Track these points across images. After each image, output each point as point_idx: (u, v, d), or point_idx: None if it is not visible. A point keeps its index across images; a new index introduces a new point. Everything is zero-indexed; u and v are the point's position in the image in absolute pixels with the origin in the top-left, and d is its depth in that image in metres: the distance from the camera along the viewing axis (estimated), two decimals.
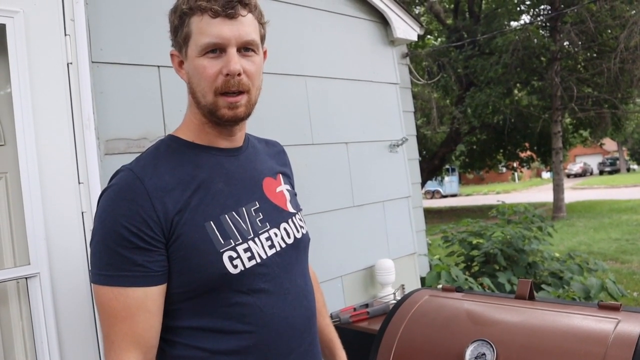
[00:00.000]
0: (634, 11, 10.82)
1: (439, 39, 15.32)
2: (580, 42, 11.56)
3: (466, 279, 3.73)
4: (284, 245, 1.05)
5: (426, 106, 12.92)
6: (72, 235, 1.50)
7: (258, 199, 1.05)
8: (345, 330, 2.03)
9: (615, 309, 1.38)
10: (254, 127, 1.28)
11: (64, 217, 1.51)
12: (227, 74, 0.94)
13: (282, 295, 1.01)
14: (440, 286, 1.76)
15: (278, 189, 1.12)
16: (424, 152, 14.74)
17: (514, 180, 37.64)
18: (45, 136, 1.49)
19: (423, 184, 15.45)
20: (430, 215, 15.43)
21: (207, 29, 0.93)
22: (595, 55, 12.30)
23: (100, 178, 1.57)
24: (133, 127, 1.82)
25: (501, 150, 17.07)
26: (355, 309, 2.10)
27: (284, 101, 2.38)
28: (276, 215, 1.06)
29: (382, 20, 2.95)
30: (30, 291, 1.45)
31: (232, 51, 0.94)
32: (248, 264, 0.96)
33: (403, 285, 2.63)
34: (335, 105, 2.62)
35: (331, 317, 2.06)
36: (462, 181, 35.13)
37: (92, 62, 1.72)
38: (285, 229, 1.07)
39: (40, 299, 1.44)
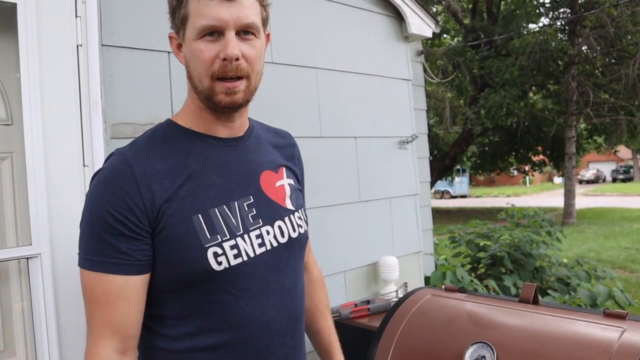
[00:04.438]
0: None
1: (456, 39, 15.20)
2: (599, 47, 11.40)
3: (471, 281, 3.70)
4: (275, 244, 1.00)
5: (440, 105, 12.84)
6: (74, 218, 1.48)
7: (253, 193, 1.00)
8: (345, 325, 2.02)
9: (621, 317, 1.35)
10: (262, 116, 1.26)
11: (67, 199, 1.51)
12: (225, 59, 0.90)
13: (266, 296, 0.97)
14: (443, 286, 1.74)
15: (278, 183, 1.07)
16: (436, 152, 14.67)
17: (524, 183, 37.37)
18: (51, 117, 1.49)
19: (433, 183, 15.42)
20: (439, 215, 15.36)
21: (204, 10, 0.89)
22: (613, 60, 12.13)
23: None
24: (141, 112, 1.81)
25: (513, 153, 16.95)
26: (356, 305, 2.09)
27: (293, 93, 2.36)
28: (271, 212, 1.02)
29: (397, 15, 2.92)
30: (31, 272, 1.45)
31: (231, 34, 0.90)
32: (233, 262, 0.93)
33: (406, 283, 2.61)
34: (345, 99, 2.59)
35: (331, 311, 2.05)
36: (473, 182, 34.96)
37: (102, 45, 1.71)
38: (280, 227, 1.02)
39: (41, 279, 1.44)
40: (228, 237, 0.94)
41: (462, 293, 1.66)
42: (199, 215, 0.92)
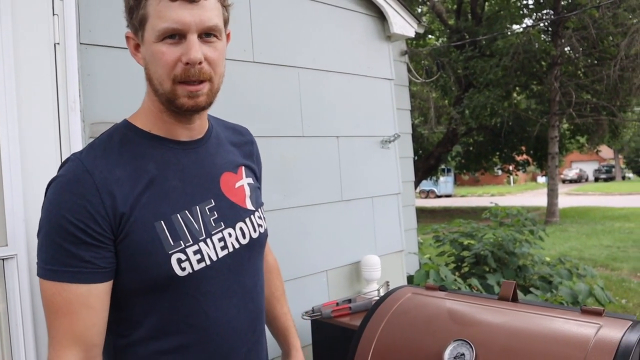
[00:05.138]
0: (637, 19, 10.84)
1: (440, 39, 15.31)
2: (581, 48, 11.59)
3: (455, 280, 3.73)
4: (237, 246, 1.01)
5: (424, 105, 12.92)
6: None
7: (214, 196, 1.01)
8: (326, 324, 2.02)
9: (597, 314, 1.36)
10: (243, 116, 1.26)
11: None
12: (187, 63, 0.89)
13: (228, 297, 0.99)
14: (425, 285, 1.75)
15: (238, 184, 1.07)
16: (420, 152, 14.76)
17: (509, 183, 37.75)
18: (28, 117, 1.47)
19: (418, 183, 15.51)
20: (424, 214, 15.46)
21: (165, 12, 0.87)
22: (595, 61, 12.33)
23: None
24: (120, 112, 1.77)
25: (497, 153, 17.12)
26: (337, 304, 2.09)
27: (275, 92, 2.35)
28: (232, 214, 1.02)
29: (380, 15, 2.93)
30: (7, 273, 1.42)
31: (193, 38, 0.88)
32: (197, 267, 0.94)
33: (388, 282, 2.62)
34: (327, 99, 2.59)
35: (312, 311, 2.05)
36: (457, 182, 35.24)
37: (81, 43, 1.69)
38: (241, 228, 1.03)
39: (17, 281, 1.42)
40: (191, 242, 0.94)
41: (442, 291, 1.67)
42: (162, 221, 0.92)
